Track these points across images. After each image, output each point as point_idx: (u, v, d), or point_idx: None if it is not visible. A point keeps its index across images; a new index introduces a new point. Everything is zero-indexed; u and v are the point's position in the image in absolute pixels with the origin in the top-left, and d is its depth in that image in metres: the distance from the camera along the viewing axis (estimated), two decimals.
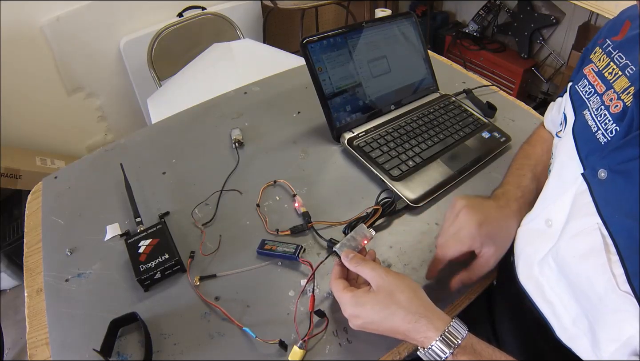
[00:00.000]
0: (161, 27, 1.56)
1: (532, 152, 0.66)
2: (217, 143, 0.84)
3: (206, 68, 1.33)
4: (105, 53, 1.79)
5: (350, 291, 0.48)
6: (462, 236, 0.54)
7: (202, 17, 1.67)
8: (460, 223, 0.55)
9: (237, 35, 1.70)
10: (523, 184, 0.61)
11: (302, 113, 0.91)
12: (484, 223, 0.54)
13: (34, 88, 1.67)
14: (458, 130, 0.84)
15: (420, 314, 0.45)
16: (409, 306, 0.45)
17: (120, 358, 0.52)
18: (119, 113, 1.99)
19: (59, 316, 0.56)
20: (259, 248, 0.62)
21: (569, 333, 0.46)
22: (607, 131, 0.43)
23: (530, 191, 0.60)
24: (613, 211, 0.39)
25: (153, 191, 0.74)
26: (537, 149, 0.66)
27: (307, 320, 0.53)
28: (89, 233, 0.67)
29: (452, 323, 0.44)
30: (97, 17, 1.68)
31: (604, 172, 0.41)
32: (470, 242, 0.53)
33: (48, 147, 1.79)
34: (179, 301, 0.57)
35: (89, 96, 1.85)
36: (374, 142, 0.79)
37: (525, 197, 0.59)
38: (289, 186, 0.73)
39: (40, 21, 1.57)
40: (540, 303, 0.50)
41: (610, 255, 0.39)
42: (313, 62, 0.78)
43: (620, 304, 0.37)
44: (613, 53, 0.48)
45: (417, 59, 0.92)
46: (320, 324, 0.54)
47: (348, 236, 0.54)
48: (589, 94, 0.49)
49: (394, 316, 0.45)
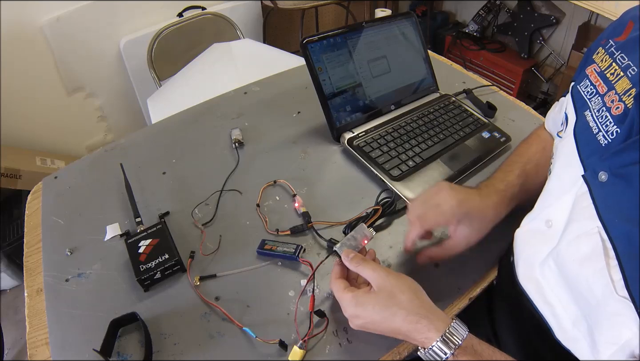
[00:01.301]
0: (161, 27, 1.56)
1: (526, 150, 0.67)
2: (217, 143, 0.84)
3: (206, 68, 1.33)
4: (105, 53, 1.79)
5: (350, 291, 0.48)
6: (443, 210, 0.55)
7: (202, 17, 1.67)
8: (442, 198, 0.56)
9: (237, 35, 1.70)
10: (508, 179, 0.62)
11: (302, 113, 0.91)
12: (464, 202, 0.56)
13: (34, 88, 1.67)
14: (458, 130, 0.84)
15: (421, 315, 0.45)
16: (410, 306, 0.45)
17: (120, 358, 0.52)
18: (119, 113, 1.99)
19: (59, 316, 0.56)
20: (259, 248, 0.62)
21: (568, 334, 0.46)
22: (608, 132, 0.43)
23: (513, 186, 0.61)
24: (613, 215, 0.39)
25: (153, 191, 0.74)
26: (532, 147, 0.67)
27: (307, 320, 0.53)
28: (89, 233, 0.67)
29: (453, 324, 0.44)
30: (97, 17, 1.68)
31: (604, 175, 0.41)
32: (450, 217, 0.55)
33: (48, 147, 1.79)
34: (179, 301, 0.57)
35: (89, 96, 1.85)
36: (374, 142, 0.79)
37: (507, 191, 0.60)
38: (289, 186, 0.73)
39: (40, 21, 1.57)
40: (539, 304, 0.50)
41: (609, 260, 0.38)
42: (313, 62, 0.78)
43: (618, 308, 0.37)
44: (615, 54, 0.48)
45: (417, 59, 0.92)
46: (320, 324, 0.54)
47: (348, 236, 0.54)
48: (591, 94, 0.49)
49: (394, 317, 0.45)
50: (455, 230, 0.56)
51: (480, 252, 0.63)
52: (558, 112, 0.61)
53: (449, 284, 0.59)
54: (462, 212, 0.55)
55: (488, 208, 0.58)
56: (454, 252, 0.57)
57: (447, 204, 0.55)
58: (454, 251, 0.57)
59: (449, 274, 0.60)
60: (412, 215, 0.57)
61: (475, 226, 0.56)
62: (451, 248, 0.57)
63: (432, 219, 0.56)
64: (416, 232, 0.57)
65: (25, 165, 1.55)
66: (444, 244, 0.57)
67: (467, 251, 0.57)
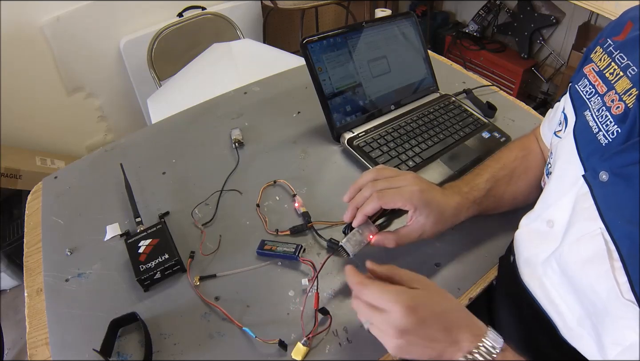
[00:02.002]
0: (161, 27, 1.56)
1: (504, 155, 0.66)
2: (217, 143, 0.84)
3: (206, 68, 1.33)
4: (105, 53, 1.79)
5: (395, 287, 0.44)
6: (404, 192, 0.55)
7: (202, 17, 1.67)
8: (405, 181, 0.56)
9: (237, 35, 1.70)
10: (475, 182, 0.62)
11: (302, 113, 0.91)
12: (426, 192, 0.55)
13: (34, 88, 1.67)
14: (458, 130, 0.84)
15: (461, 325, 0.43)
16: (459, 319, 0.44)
17: (120, 358, 0.52)
18: (119, 113, 1.99)
19: (59, 316, 0.56)
20: (259, 248, 0.62)
21: (574, 332, 0.45)
22: (609, 132, 0.43)
23: (479, 190, 0.61)
24: (615, 215, 0.39)
25: (153, 191, 0.74)
26: (511, 153, 0.66)
27: (307, 319, 0.53)
28: (89, 233, 0.67)
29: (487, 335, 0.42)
30: (97, 17, 1.68)
31: (605, 175, 0.40)
32: (408, 200, 0.54)
33: (48, 147, 1.79)
34: (179, 301, 0.57)
35: (89, 96, 1.85)
36: (374, 142, 0.79)
37: (470, 194, 0.60)
38: (289, 186, 0.73)
39: (40, 21, 1.57)
40: (544, 302, 0.49)
41: (614, 261, 0.38)
42: (313, 62, 0.78)
43: (624, 311, 0.37)
44: (614, 53, 0.48)
45: (417, 59, 0.92)
46: (324, 322, 0.54)
47: (354, 231, 0.54)
48: (590, 94, 0.49)
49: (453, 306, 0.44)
50: (411, 217, 0.55)
51: (480, 252, 0.64)
52: (553, 117, 0.61)
53: (449, 284, 0.59)
54: (422, 200, 0.54)
55: (448, 206, 0.57)
56: (407, 240, 0.56)
57: (410, 188, 0.55)
58: (407, 239, 0.56)
59: (449, 275, 0.60)
60: (367, 178, 0.57)
61: (431, 218, 0.55)
62: (405, 235, 0.56)
63: (390, 197, 0.54)
64: (372, 206, 0.54)
65: (25, 165, 1.55)
66: (399, 230, 0.56)
67: (426, 241, 0.57)
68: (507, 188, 0.63)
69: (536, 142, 0.67)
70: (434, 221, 0.56)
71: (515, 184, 0.63)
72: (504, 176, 0.63)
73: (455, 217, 0.59)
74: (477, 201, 0.60)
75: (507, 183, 0.63)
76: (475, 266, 0.62)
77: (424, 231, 0.56)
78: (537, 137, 0.68)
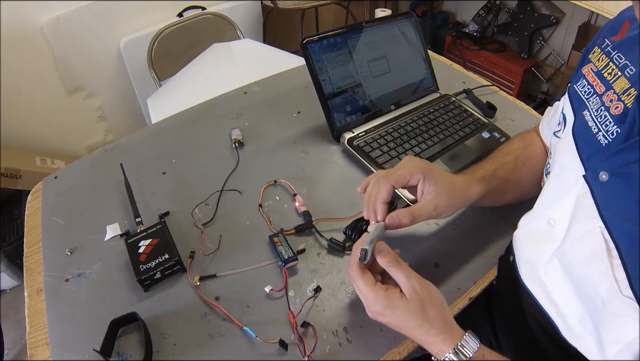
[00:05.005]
0: (161, 27, 1.56)
1: (508, 146, 0.67)
2: (217, 143, 0.84)
3: (206, 68, 1.33)
4: (105, 53, 1.79)
5: (383, 290, 0.48)
6: (408, 165, 0.56)
7: (202, 17, 1.67)
8: (407, 160, 0.57)
9: (237, 35, 1.70)
10: (479, 165, 0.63)
11: (302, 113, 0.91)
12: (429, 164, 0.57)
13: (34, 88, 1.67)
14: (458, 130, 0.84)
15: (441, 329, 0.46)
16: (435, 322, 0.46)
17: (120, 358, 0.52)
18: (119, 113, 1.99)
19: (59, 316, 0.56)
20: (272, 235, 0.63)
21: (575, 332, 0.46)
22: (608, 132, 0.43)
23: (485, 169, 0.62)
24: (614, 214, 0.39)
25: (153, 191, 0.74)
26: (513, 144, 0.67)
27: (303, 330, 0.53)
28: (89, 233, 0.67)
29: (465, 337, 0.45)
30: (97, 17, 1.68)
31: (605, 175, 0.41)
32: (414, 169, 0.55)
33: (48, 147, 1.79)
34: (179, 301, 0.57)
35: (89, 96, 1.85)
36: (374, 142, 0.79)
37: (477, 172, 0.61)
38: (289, 186, 0.73)
39: (40, 21, 1.57)
40: (544, 302, 0.49)
41: (613, 260, 0.39)
42: (313, 62, 0.78)
43: (623, 308, 0.38)
44: (612, 53, 0.48)
45: (417, 59, 0.92)
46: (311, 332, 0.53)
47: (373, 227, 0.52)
48: (589, 94, 0.49)
49: (419, 328, 0.46)
50: (422, 190, 0.55)
51: (480, 252, 0.64)
52: (553, 116, 0.61)
53: (449, 284, 0.59)
54: (428, 168, 0.55)
55: (456, 179, 0.58)
56: (421, 214, 0.54)
57: (412, 162, 0.56)
58: (421, 212, 0.54)
59: (449, 275, 0.60)
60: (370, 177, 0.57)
61: (441, 188, 0.55)
62: (419, 209, 0.54)
63: (398, 174, 0.54)
64: (385, 188, 0.53)
65: (25, 165, 1.55)
66: (412, 208, 0.54)
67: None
68: (513, 173, 0.63)
69: (537, 136, 0.68)
70: (445, 192, 0.55)
71: (521, 170, 0.64)
72: (509, 161, 0.63)
73: (466, 190, 0.58)
74: (484, 178, 0.60)
75: (513, 169, 0.63)
76: (475, 266, 0.62)
77: (438, 205, 0.54)
78: (538, 133, 0.68)
